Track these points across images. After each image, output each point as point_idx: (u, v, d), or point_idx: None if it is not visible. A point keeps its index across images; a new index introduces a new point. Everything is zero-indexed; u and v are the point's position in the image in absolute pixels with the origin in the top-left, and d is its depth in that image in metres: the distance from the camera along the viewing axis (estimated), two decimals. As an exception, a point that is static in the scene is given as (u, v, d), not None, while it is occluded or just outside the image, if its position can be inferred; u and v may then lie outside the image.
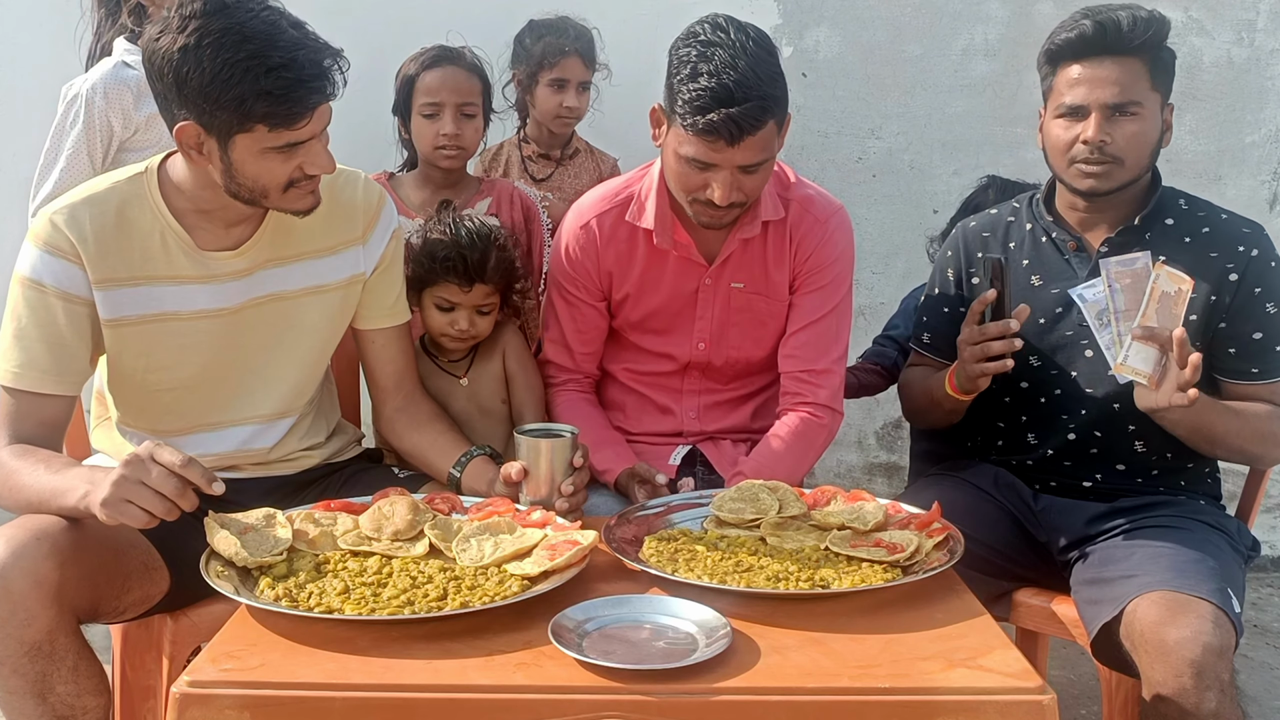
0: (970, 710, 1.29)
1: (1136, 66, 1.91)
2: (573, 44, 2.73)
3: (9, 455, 1.71)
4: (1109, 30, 1.90)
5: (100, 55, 2.60)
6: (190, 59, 1.63)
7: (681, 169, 1.95)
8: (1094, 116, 1.92)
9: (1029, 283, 2.07)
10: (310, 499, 1.84)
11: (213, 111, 1.65)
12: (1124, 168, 1.94)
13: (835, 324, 2.17)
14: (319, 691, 1.30)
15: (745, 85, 1.84)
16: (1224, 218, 2.01)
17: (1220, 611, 1.65)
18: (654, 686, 1.30)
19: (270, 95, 1.62)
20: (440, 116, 2.39)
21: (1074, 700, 2.72)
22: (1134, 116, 1.92)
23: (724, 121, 1.84)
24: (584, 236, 2.17)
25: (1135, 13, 1.91)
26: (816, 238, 2.13)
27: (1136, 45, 1.90)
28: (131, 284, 1.80)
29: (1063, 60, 1.96)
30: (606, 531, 1.70)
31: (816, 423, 2.14)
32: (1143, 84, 1.92)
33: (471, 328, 2.16)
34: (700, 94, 1.84)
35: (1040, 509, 2.07)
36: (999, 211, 2.18)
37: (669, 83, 1.92)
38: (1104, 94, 1.91)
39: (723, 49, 1.86)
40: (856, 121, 3.39)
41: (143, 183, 1.81)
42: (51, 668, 1.58)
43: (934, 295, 2.23)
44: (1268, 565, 3.65)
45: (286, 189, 1.75)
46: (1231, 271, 1.94)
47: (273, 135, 1.67)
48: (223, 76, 1.61)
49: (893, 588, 1.56)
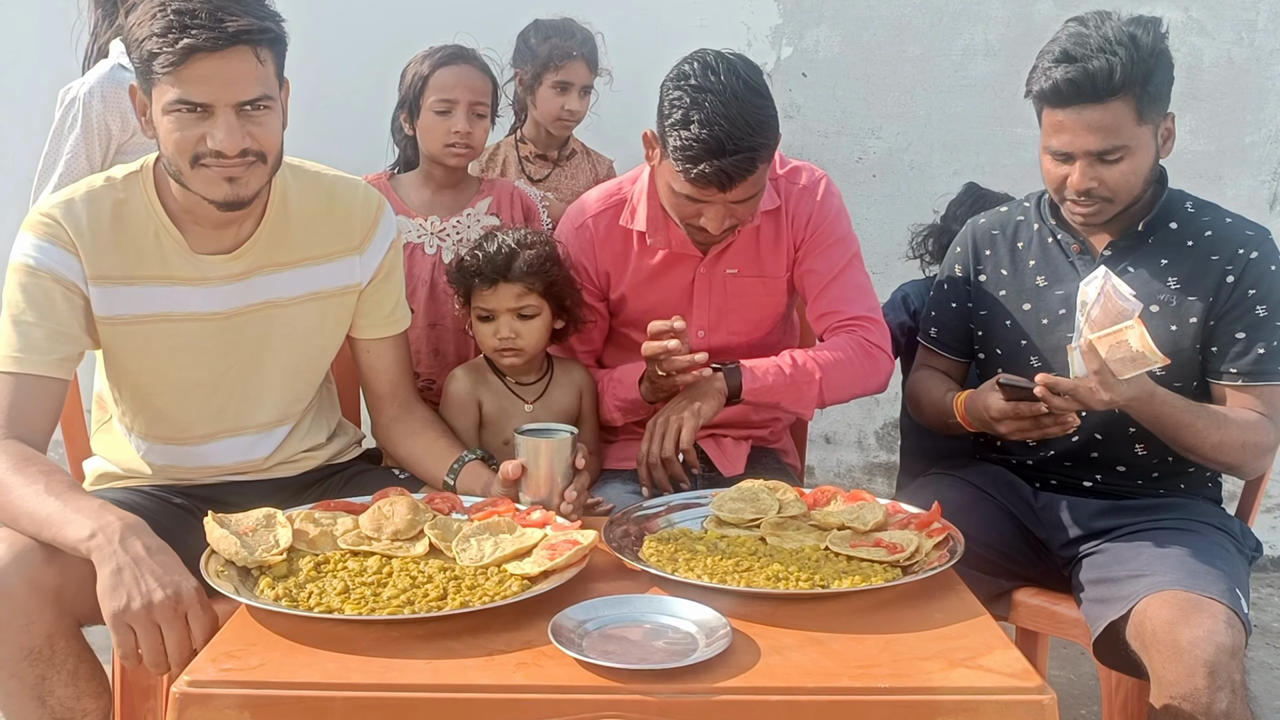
0: (970, 710, 1.29)
1: (1120, 109, 1.84)
2: (579, 48, 2.74)
3: (5, 459, 1.63)
4: (1084, 83, 1.83)
5: (97, 57, 2.59)
6: (135, 13, 1.67)
7: (675, 200, 1.99)
8: (1079, 164, 1.89)
9: (1035, 283, 2.07)
10: (311, 500, 1.83)
11: (133, 58, 1.68)
12: (1115, 203, 1.92)
13: (858, 275, 2.17)
14: (319, 691, 1.30)
15: (736, 137, 1.85)
16: (1228, 221, 1.99)
17: (1232, 612, 1.65)
18: (654, 686, 1.30)
19: (155, 36, 1.63)
20: (453, 114, 2.39)
21: (1074, 700, 2.72)
22: (1120, 160, 1.88)
23: (715, 173, 1.87)
24: (581, 237, 2.20)
25: (1116, 58, 1.81)
26: (810, 201, 2.15)
27: (1120, 89, 1.83)
28: (126, 283, 1.79)
29: (1045, 104, 1.91)
30: (606, 531, 1.70)
31: (875, 350, 2.11)
32: (1128, 125, 1.85)
33: (513, 335, 2.10)
34: (691, 144, 1.86)
35: (1040, 506, 2.07)
36: (1009, 210, 2.18)
37: (660, 122, 1.94)
38: (1087, 143, 1.87)
39: (714, 95, 1.87)
40: (856, 121, 3.39)
41: (138, 181, 1.81)
42: (51, 671, 1.58)
43: (943, 290, 2.23)
44: (1268, 565, 3.65)
45: (194, 164, 1.70)
46: (1230, 273, 1.93)
47: (168, 88, 1.65)
48: (140, 20, 1.65)
49: (893, 588, 1.56)
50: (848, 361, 2.09)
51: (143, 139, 2.51)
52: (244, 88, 1.67)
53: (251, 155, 1.71)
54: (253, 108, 1.69)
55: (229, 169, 1.70)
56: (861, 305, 2.15)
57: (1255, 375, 1.91)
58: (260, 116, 1.70)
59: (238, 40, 1.64)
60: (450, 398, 2.19)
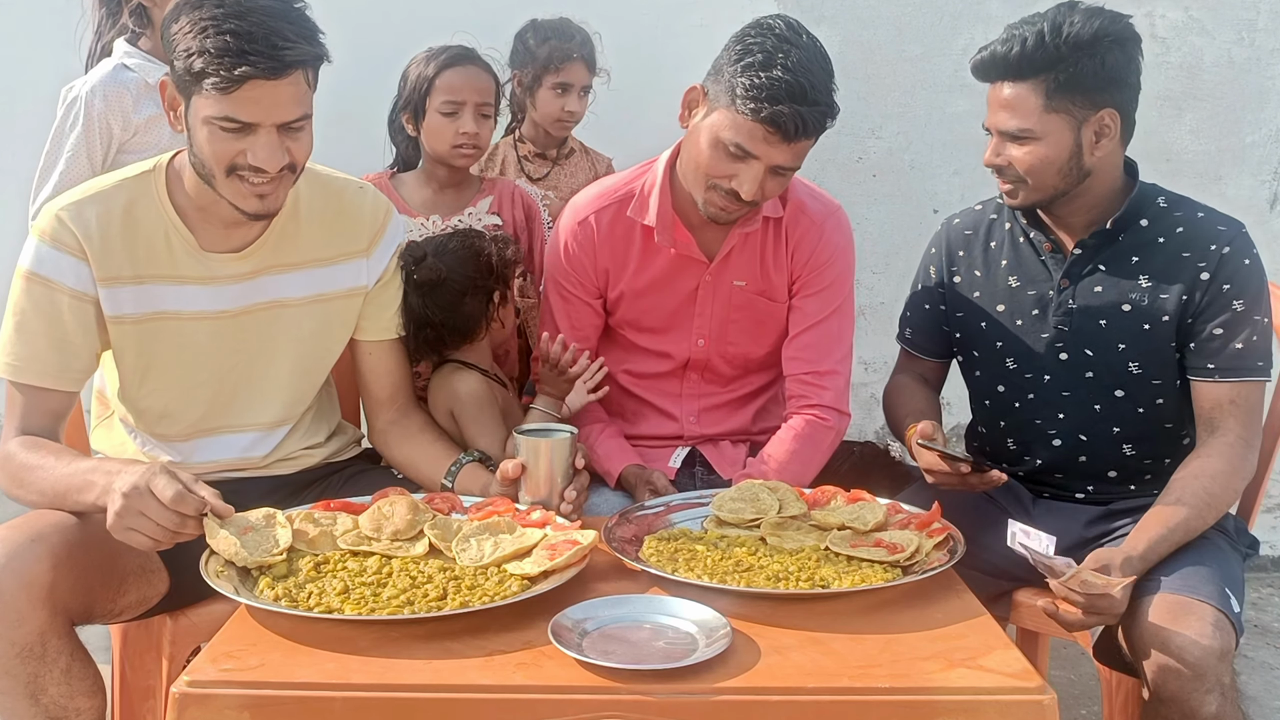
0: (970, 710, 1.29)
1: (1025, 92, 1.86)
2: (578, 49, 2.74)
3: (20, 448, 1.72)
4: (988, 60, 1.88)
5: (100, 56, 2.59)
6: (177, 9, 1.66)
7: (713, 153, 1.94)
8: (992, 139, 1.93)
9: (1007, 284, 2.06)
10: (310, 499, 1.83)
11: (175, 63, 1.66)
12: (1030, 188, 1.92)
13: (838, 325, 2.17)
14: (319, 691, 1.30)
15: (817, 89, 1.88)
16: (1200, 216, 1.95)
17: (1221, 614, 1.64)
18: (654, 686, 1.30)
19: (208, 54, 1.61)
20: (460, 115, 2.38)
21: (1074, 700, 2.72)
22: (1025, 142, 1.88)
23: (792, 115, 1.86)
24: (581, 232, 2.16)
25: (1024, 39, 1.83)
26: (812, 240, 2.13)
27: (1028, 68, 1.84)
28: (135, 282, 1.80)
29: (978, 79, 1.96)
30: (606, 531, 1.70)
31: (823, 425, 2.13)
32: (1033, 110, 1.86)
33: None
34: (774, 83, 1.85)
35: (1037, 514, 2.07)
36: (983, 209, 2.17)
37: (729, 66, 1.91)
38: (998, 119, 1.91)
39: (800, 50, 1.88)
40: (856, 121, 3.39)
41: (150, 181, 1.81)
42: (43, 669, 1.58)
43: (918, 291, 2.22)
44: (1268, 565, 3.65)
45: (229, 173, 1.70)
46: (1204, 270, 1.90)
47: (214, 103, 1.64)
48: (185, 29, 1.63)
49: (893, 588, 1.56)
50: (791, 457, 2.09)
51: (144, 138, 2.51)
52: (289, 109, 1.68)
53: (285, 169, 1.72)
54: (293, 125, 1.70)
55: (263, 185, 1.71)
56: (830, 358, 2.16)
57: (1231, 371, 1.89)
58: (299, 133, 1.72)
59: (293, 68, 1.65)
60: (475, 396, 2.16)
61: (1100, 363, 1.97)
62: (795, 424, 2.13)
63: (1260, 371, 1.89)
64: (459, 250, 2.13)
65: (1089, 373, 1.98)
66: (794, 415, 2.15)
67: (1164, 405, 1.97)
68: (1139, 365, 1.94)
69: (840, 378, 2.17)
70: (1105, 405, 1.98)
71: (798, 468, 2.08)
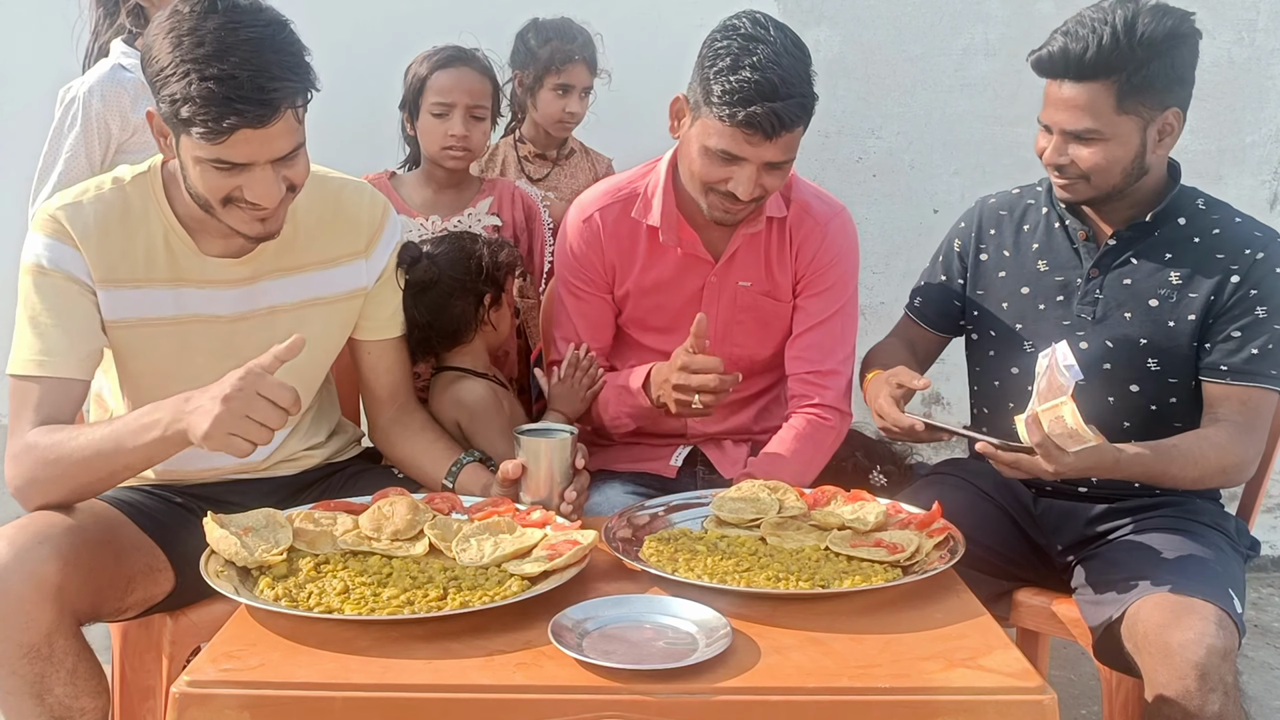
0: (970, 710, 1.29)
1: (1098, 93, 1.83)
2: (580, 50, 2.74)
3: (42, 434, 1.67)
4: (1060, 59, 1.84)
5: (98, 56, 2.59)
6: (156, 46, 1.62)
7: (704, 160, 1.95)
8: (1054, 138, 1.90)
9: (1035, 267, 2.06)
10: (311, 499, 1.83)
11: (160, 104, 1.64)
12: (1090, 184, 1.92)
13: (841, 326, 2.17)
14: (319, 691, 1.30)
15: (789, 82, 1.86)
16: (1237, 221, 1.97)
17: (1223, 613, 1.64)
18: (654, 686, 1.30)
19: (194, 102, 1.57)
20: (450, 117, 2.38)
21: (1074, 700, 2.72)
22: (1093, 142, 1.87)
23: (766, 115, 1.85)
24: (587, 230, 2.16)
25: (1098, 40, 1.80)
26: (816, 241, 2.13)
27: (1103, 69, 1.81)
28: (133, 285, 1.79)
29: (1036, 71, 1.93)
30: (606, 531, 1.69)
31: (824, 424, 2.13)
32: (1104, 111, 1.83)
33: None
34: (744, 85, 1.85)
35: (1039, 512, 2.07)
36: (1020, 193, 2.16)
37: (702, 74, 1.92)
38: (1062, 119, 1.88)
39: (766, 45, 1.87)
40: (856, 121, 3.39)
41: (147, 183, 1.81)
42: (49, 669, 1.58)
43: (938, 262, 2.22)
44: (1268, 565, 3.65)
45: (225, 204, 1.69)
46: (1235, 273, 1.91)
47: (202, 147, 1.62)
48: (167, 72, 1.60)
49: (893, 588, 1.56)
50: (792, 456, 2.09)
51: (143, 138, 2.51)
52: (282, 145, 1.65)
53: (284, 193, 1.71)
54: (287, 158, 1.68)
55: (263, 212, 1.70)
56: (832, 358, 2.16)
57: (1243, 374, 1.90)
58: (294, 161, 1.70)
59: (282, 108, 1.62)
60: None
61: (1120, 356, 1.97)
62: (797, 423, 2.13)
63: (1274, 380, 1.90)
64: (450, 252, 2.13)
65: (1107, 364, 1.97)
66: (795, 414, 2.15)
67: (1176, 405, 1.97)
68: (1158, 362, 1.94)
69: (842, 378, 2.17)
70: (1119, 399, 1.97)
71: (799, 467, 2.08)
